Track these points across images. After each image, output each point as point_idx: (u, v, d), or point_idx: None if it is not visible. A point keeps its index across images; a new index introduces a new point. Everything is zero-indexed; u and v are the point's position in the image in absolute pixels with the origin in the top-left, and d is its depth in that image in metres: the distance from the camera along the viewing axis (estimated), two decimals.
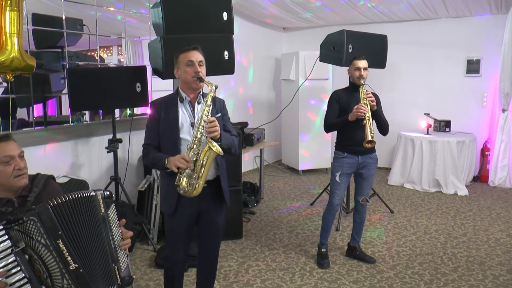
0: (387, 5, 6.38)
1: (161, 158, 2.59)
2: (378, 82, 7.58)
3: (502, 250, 4.22)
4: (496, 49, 6.68)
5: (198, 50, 2.68)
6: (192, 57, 2.63)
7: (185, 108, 2.68)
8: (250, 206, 5.52)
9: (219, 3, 3.94)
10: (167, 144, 2.67)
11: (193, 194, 2.52)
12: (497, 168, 6.63)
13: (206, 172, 2.51)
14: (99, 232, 1.94)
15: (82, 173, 4.18)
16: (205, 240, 2.87)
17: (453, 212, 5.40)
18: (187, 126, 2.65)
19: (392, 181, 6.77)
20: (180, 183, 2.50)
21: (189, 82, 2.64)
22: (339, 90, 3.92)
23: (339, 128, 3.82)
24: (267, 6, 6.43)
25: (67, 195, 1.87)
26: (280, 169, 7.98)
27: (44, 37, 4.16)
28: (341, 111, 3.80)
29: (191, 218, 2.75)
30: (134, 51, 6.19)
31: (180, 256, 2.83)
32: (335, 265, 3.90)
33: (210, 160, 2.50)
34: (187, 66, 2.62)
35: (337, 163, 3.83)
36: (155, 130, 2.71)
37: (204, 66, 2.69)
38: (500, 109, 6.59)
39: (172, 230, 2.81)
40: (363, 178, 3.85)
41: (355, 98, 3.76)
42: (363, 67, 3.73)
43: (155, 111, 2.72)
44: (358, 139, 3.69)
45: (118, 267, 1.98)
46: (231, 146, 2.71)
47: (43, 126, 3.98)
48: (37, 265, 1.75)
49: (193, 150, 2.50)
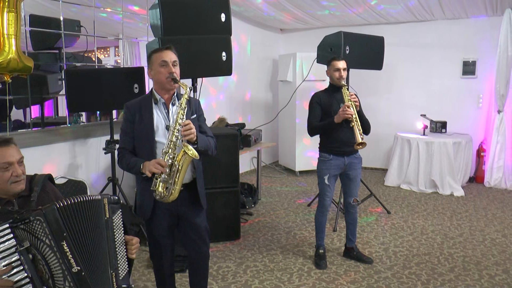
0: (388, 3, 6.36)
1: (136, 162, 2.54)
2: (375, 83, 7.64)
3: (497, 250, 4.25)
4: (492, 50, 6.72)
5: (172, 50, 2.62)
6: (166, 57, 2.57)
7: (160, 110, 2.63)
8: (247, 207, 5.53)
9: (217, 5, 3.96)
10: (142, 147, 2.62)
11: (170, 199, 2.47)
12: (493, 169, 6.66)
13: (182, 177, 2.47)
14: (101, 236, 1.93)
15: (80, 174, 4.18)
16: (191, 247, 2.82)
17: (450, 212, 5.43)
18: (162, 129, 2.60)
19: (389, 182, 6.80)
20: (156, 188, 2.45)
21: (163, 83, 2.58)
22: (319, 92, 3.88)
23: (324, 131, 3.79)
24: (264, 7, 6.44)
25: (74, 197, 1.86)
26: (277, 170, 7.99)
27: (41, 38, 4.16)
28: (323, 113, 3.77)
29: (170, 221, 2.72)
30: (131, 52, 6.18)
31: (165, 259, 2.81)
32: (333, 265, 3.92)
33: (186, 165, 2.46)
34: (160, 67, 2.57)
35: (324, 166, 3.80)
36: (129, 134, 2.65)
37: (178, 66, 2.64)
38: (495, 110, 6.63)
39: (151, 234, 2.77)
40: (351, 179, 3.86)
41: (335, 99, 3.76)
42: (343, 68, 3.73)
43: (129, 113, 2.66)
44: (344, 140, 3.70)
45: (116, 274, 1.96)
46: (208, 148, 2.66)
47: (40, 128, 3.98)
48: (40, 266, 1.75)
49: (168, 154, 2.45)
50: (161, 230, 2.73)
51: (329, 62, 3.81)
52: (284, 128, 7.81)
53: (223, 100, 6.86)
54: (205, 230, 2.82)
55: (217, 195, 4.35)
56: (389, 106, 7.67)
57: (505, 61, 6.37)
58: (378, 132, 7.30)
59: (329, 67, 3.81)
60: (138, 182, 2.74)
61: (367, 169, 7.95)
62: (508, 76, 6.43)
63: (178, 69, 2.63)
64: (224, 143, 4.30)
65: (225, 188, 4.39)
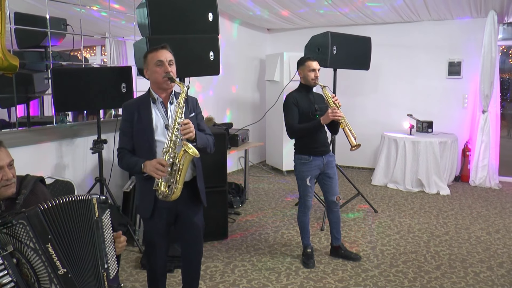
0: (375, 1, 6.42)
1: (137, 162, 2.55)
2: (362, 84, 7.69)
3: (482, 247, 4.31)
4: (476, 51, 6.81)
5: (167, 49, 2.63)
6: (162, 57, 2.58)
7: (158, 109, 2.64)
8: (235, 207, 5.53)
9: (205, 4, 3.95)
10: (141, 147, 2.63)
11: (172, 198, 2.50)
12: (478, 168, 6.75)
13: (183, 176, 2.49)
14: (91, 236, 1.92)
15: (66, 174, 4.14)
16: (186, 243, 2.85)
17: (436, 211, 5.49)
18: (161, 128, 2.61)
19: (376, 181, 6.85)
20: (159, 187, 2.48)
21: (160, 83, 2.59)
22: (293, 93, 3.84)
23: (307, 133, 3.74)
24: (251, 7, 6.44)
25: (60, 198, 1.84)
26: (264, 169, 8.00)
27: (27, 36, 4.11)
28: (300, 115, 3.75)
29: (168, 219, 2.73)
30: (118, 51, 6.14)
31: (160, 257, 2.81)
32: (321, 264, 3.93)
33: (186, 163, 2.48)
34: (156, 66, 2.58)
35: (304, 168, 3.80)
36: (128, 134, 2.66)
37: (174, 65, 2.65)
38: (480, 110, 6.71)
39: (149, 233, 2.78)
40: (331, 177, 3.88)
41: (311, 100, 3.78)
42: (318, 68, 3.75)
43: (127, 113, 2.66)
44: (322, 140, 3.75)
45: (107, 273, 1.95)
46: (206, 146, 2.69)
47: (26, 127, 3.93)
48: (25, 269, 1.72)
49: (169, 153, 2.48)
50: (159, 229, 2.73)
51: (303, 62, 3.79)
52: (272, 128, 7.82)
53: (210, 99, 6.85)
54: (201, 228, 2.85)
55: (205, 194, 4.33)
56: (376, 106, 7.72)
57: (489, 62, 6.46)
58: (365, 131, 7.35)
59: (301, 67, 3.79)
60: (138, 181, 2.75)
61: (354, 169, 8.01)
62: (492, 77, 6.52)
63: (175, 68, 2.64)
64: None
65: (213, 187, 4.38)
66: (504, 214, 5.38)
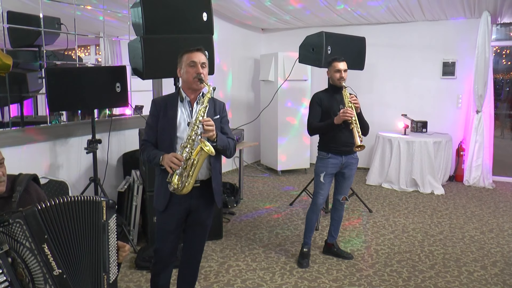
0: (366, 8, 6.46)
1: (156, 155, 2.63)
2: (357, 83, 7.67)
3: (476, 247, 4.33)
4: (470, 52, 6.84)
5: (202, 52, 2.72)
6: (195, 58, 2.66)
7: (184, 107, 2.72)
8: (229, 207, 5.52)
9: (199, 4, 3.94)
10: (163, 141, 2.71)
11: (183, 192, 2.56)
12: (472, 168, 6.79)
13: (196, 171, 2.55)
14: (96, 238, 1.91)
15: (60, 174, 4.12)
16: (192, 241, 2.90)
17: (430, 211, 5.51)
18: (184, 125, 2.68)
19: (371, 181, 6.87)
20: (172, 180, 2.54)
21: (190, 83, 2.67)
22: (319, 93, 3.92)
23: (324, 131, 3.81)
24: (246, 7, 6.44)
25: (62, 198, 1.82)
26: (259, 169, 8.00)
27: (20, 35, 4.09)
28: (323, 114, 3.81)
29: (181, 216, 2.77)
30: (112, 51, 6.12)
31: (167, 253, 2.83)
32: (315, 264, 3.94)
33: (201, 160, 2.55)
34: (189, 67, 2.66)
35: (321, 163, 3.84)
36: (153, 128, 2.74)
37: (207, 68, 2.73)
38: (474, 110, 6.75)
39: (162, 227, 2.82)
40: (345, 177, 3.90)
41: (336, 100, 3.80)
42: (343, 69, 3.76)
43: (155, 109, 2.76)
44: (342, 140, 3.73)
45: (108, 277, 1.95)
46: (226, 148, 2.74)
47: (19, 127, 3.91)
48: (20, 269, 1.70)
49: (187, 149, 2.54)
50: (171, 224, 2.76)
51: (330, 63, 3.84)
52: (266, 128, 7.82)
53: None
54: (209, 228, 2.92)
55: None
56: (370, 106, 7.72)
57: (483, 63, 6.49)
58: None
59: (329, 68, 3.84)
60: (157, 174, 2.80)
61: None
62: (486, 77, 6.55)
63: (207, 70, 2.72)
64: None
65: (221, 188, 4.36)
66: (497, 213, 5.41)
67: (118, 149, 4.79)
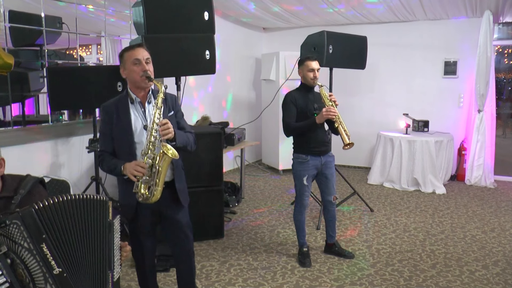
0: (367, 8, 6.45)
1: (116, 165, 2.53)
2: (358, 83, 7.71)
3: (477, 246, 4.32)
4: (472, 51, 6.83)
5: (144, 47, 2.59)
6: (138, 55, 2.54)
7: (136, 110, 2.61)
8: (231, 206, 5.53)
9: (200, 3, 3.95)
10: (121, 149, 2.60)
11: (152, 201, 2.47)
12: (473, 167, 6.77)
13: (163, 177, 2.46)
14: (102, 237, 1.91)
15: (62, 173, 4.13)
16: (174, 243, 2.85)
17: (432, 210, 5.51)
18: (140, 129, 2.58)
19: (372, 180, 6.86)
20: (138, 190, 2.45)
21: (137, 81, 2.56)
22: (292, 92, 3.86)
23: (303, 131, 3.76)
24: (247, 6, 6.44)
25: (62, 196, 1.82)
26: (260, 168, 8.00)
27: (21, 34, 4.09)
28: (298, 114, 3.77)
29: (152, 219, 2.72)
30: (113, 50, 6.12)
31: (147, 256, 2.82)
32: (316, 263, 3.94)
33: (166, 165, 2.45)
34: (133, 65, 2.54)
35: (301, 167, 3.80)
36: (108, 136, 2.63)
37: (151, 63, 2.61)
38: (476, 109, 6.74)
39: (134, 233, 2.77)
40: (328, 178, 3.88)
41: (310, 99, 3.78)
42: (317, 68, 3.74)
43: (106, 115, 2.63)
44: (320, 139, 3.74)
45: (112, 275, 1.96)
46: (187, 144, 2.66)
47: (21, 126, 3.92)
48: (20, 270, 1.70)
49: (148, 155, 2.44)
50: (144, 230, 2.73)
51: (302, 62, 3.79)
52: (268, 127, 7.82)
53: (206, 98, 6.84)
54: (187, 227, 2.82)
55: (201, 194, 4.33)
56: (371, 105, 7.73)
57: (484, 62, 6.48)
58: (361, 131, 7.38)
59: (301, 66, 3.80)
60: (119, 183, 2.72)
61: (350, 168, 8.01)
62: (488, 77, 6.54)
63: (152, 66, 2.60)
64: (207, 142, 4.30)
65: (209, 187, 4.38)
66: (499, 213, 5.40)
67: None
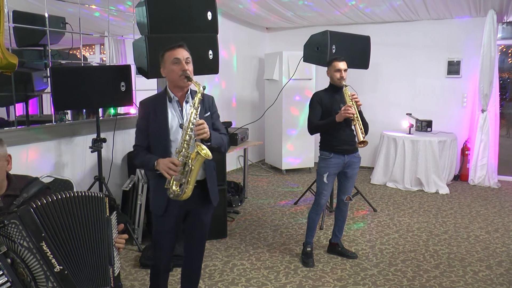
0: (370, 5, 6.44)
1: (150, 160, 2.54)
2: (361, 83, 7.68)
3: (481, 246, 4.31)
4: (476, 50, 6.81)
5: (184, 47, 2.61)
6: (178, 55, 2.56)
7: (174, 108, 2.63)
8: (234, 206, 5.53)
9: (204, 3, 3.94)
10: (156, 146, 2.63)
11: (183, 198, 2.49)
12: (477, 167, 6.76)
13: (195, 176, 2.48)
14: (101, 233, 1.92)
15: (65, 173, 4.14)
16: (192, 240, 2.87)
17: (435, 210, 5.49)
18: (176, 127, 2.60)
19: (375, 180, 6.85)
20: (170, 186, 2.47)
21: (176, 81, 2.57)
22: (320, 92, 3.92)
23: (325, 130, 3.81)
24: (250, 6, 6.43)
25: (61, 194, 1.83)
26: (263, 168, 8.00)
27: (25, 34, 4.10)
28: (323, 113, 3.81)
29: (179, 218, 2.74)
30: (117, 50, 6.14)
31: (166, 254, 2.82)
32: (319, 263, 3.94)
33: (198, 164, 2.47)
34: (173, 64, 2.56)
35: (323, 164, 3.83)
36: (144, 131, 2.66)
37: (191, 63, 2.63)
38: (479, 109, 6.72)
39: (159, 230, 2.78)
40: (348, 177, 3.89)
41: (336, 99, 3.80)
42: (343, 69, 3.76)
43: (143, 111, 2.67)
44: (344, 139, 3.73)
45: (113, 270, 1.98)
46: (221, 145, 2.69)
47: (25, 126, 3.93)
48: (21, 269, 1.71)
49: (182, 153, 2.46)
50: (169, 227, 2.74)
51: (330, 63, 3.83)
52: (271, 127, 7.82)
53: None
54: (208, 226, 2.87)
55: None
56: (375, 105, 7.71)
57: (488, 61, 6.46)
58: None
59: (329, 67, 3.83)
60: (152, 178, 2.75)
61: None
62: (492, 76, 6.52)
63: (191, 66, 2.62)
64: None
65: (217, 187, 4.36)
66: (503, 213, 5.39)
67: (122, 148, 4.80)
